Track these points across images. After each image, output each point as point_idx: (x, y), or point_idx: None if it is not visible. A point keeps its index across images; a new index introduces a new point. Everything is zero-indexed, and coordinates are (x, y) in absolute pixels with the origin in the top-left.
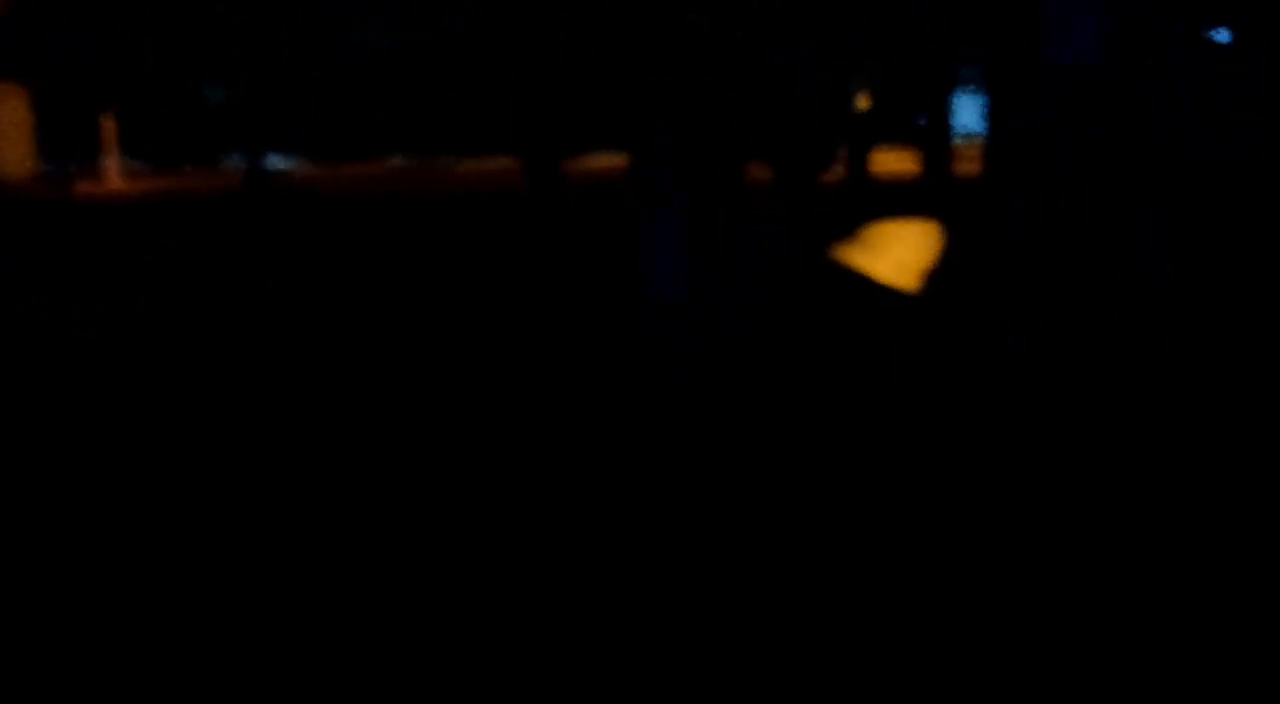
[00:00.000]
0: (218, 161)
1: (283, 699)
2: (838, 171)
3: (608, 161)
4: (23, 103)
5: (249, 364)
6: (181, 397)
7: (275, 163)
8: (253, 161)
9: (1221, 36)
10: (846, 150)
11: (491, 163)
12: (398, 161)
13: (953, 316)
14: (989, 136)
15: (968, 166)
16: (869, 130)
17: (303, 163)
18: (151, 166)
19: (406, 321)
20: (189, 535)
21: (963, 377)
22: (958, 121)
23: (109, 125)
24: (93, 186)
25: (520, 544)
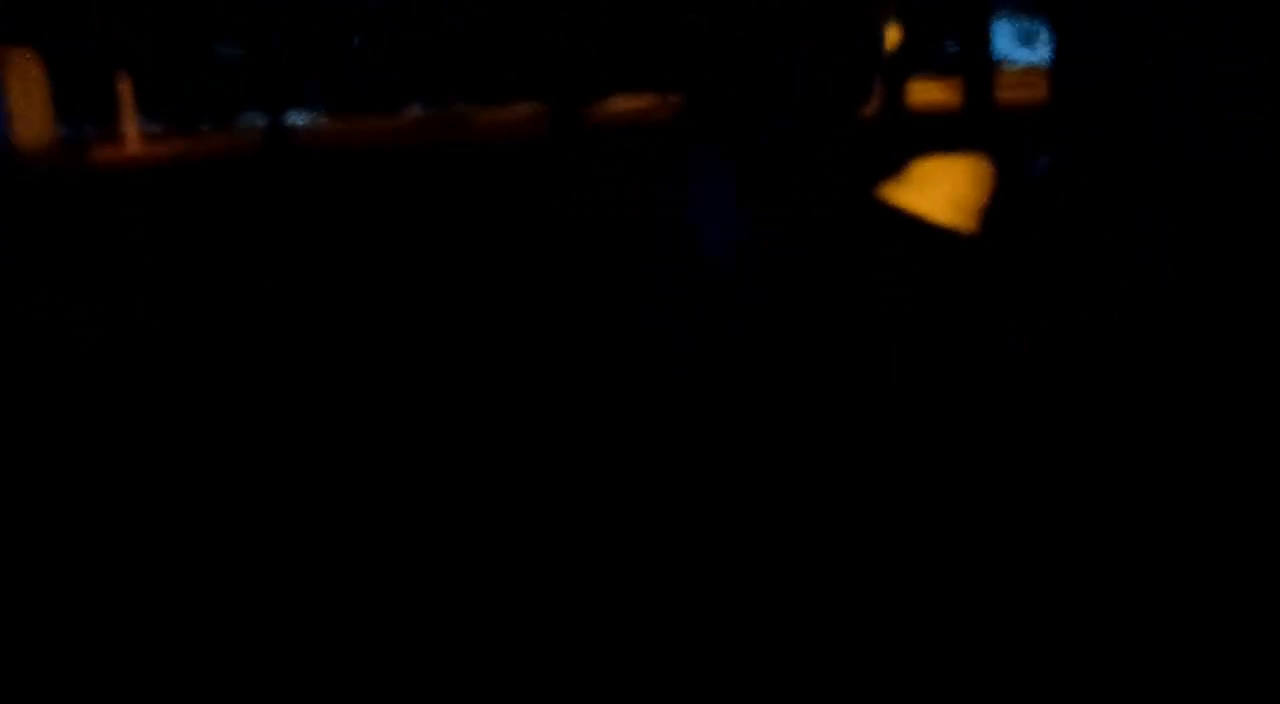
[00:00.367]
0: (234, 120)
1: (281, 698)
2: (873, 105)
3: (629, 104)
4: (38, 69)
5: (275, 332)
6: (203, 365)
7: (294, 119)
8: (272, 119)
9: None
10: (881, 82)
11: (512, 110)
12: (417, 111)
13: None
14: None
15: (1007, 95)
16: (903, 60)
17: (322, 117)
18: (169, 128)
19: (433, 277)
20: (202, 504)
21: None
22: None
23: (125, 87)
24: (112, 152)
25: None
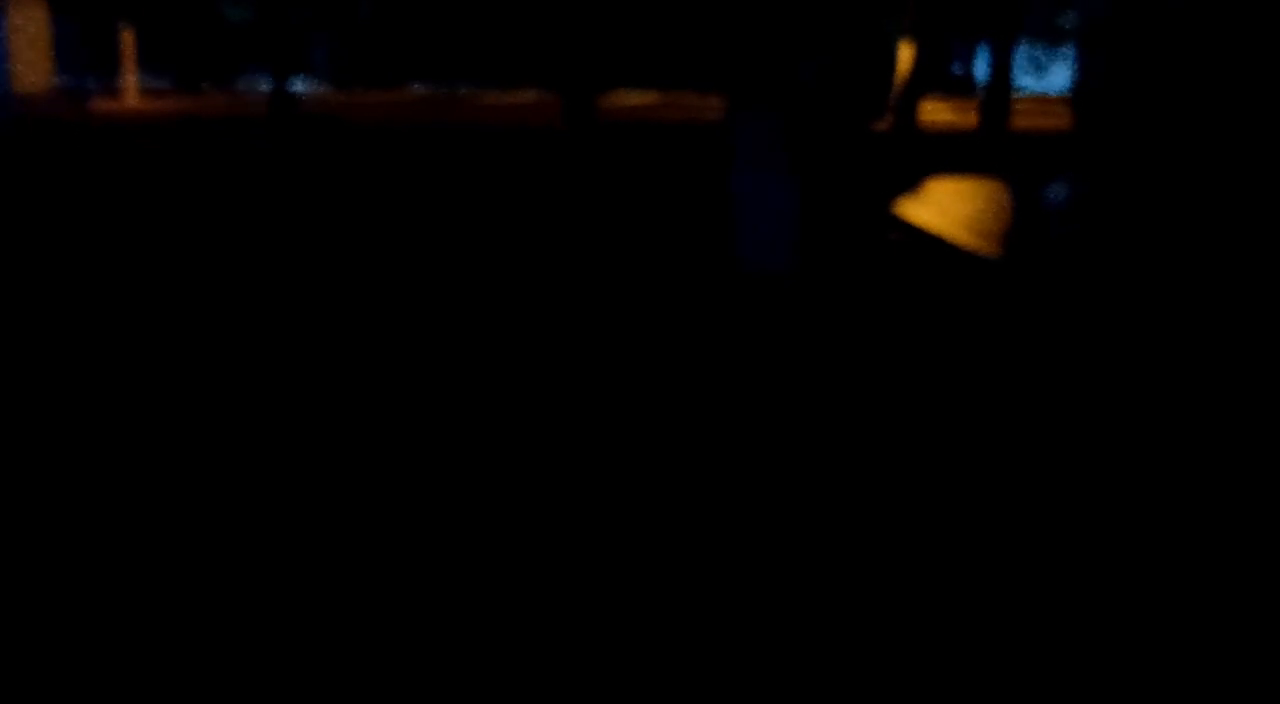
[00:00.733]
0: (236, 82)
1: (280, 691)
2: (887, 121)
3: (636, 99)
4: (41, 14)
5: (269, 296)
6: (194, 327)
7: (297, 87)
8: (276, 85)
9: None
10: (893, 100)
11: (521, 95)
12: (420, 90)
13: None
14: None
15: (1020, 121)
16: (915, 79)
17: (325, 88)
18: (170, 85)
19: (430, 256)
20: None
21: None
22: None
23: (128, 40)
24: (111, 104)
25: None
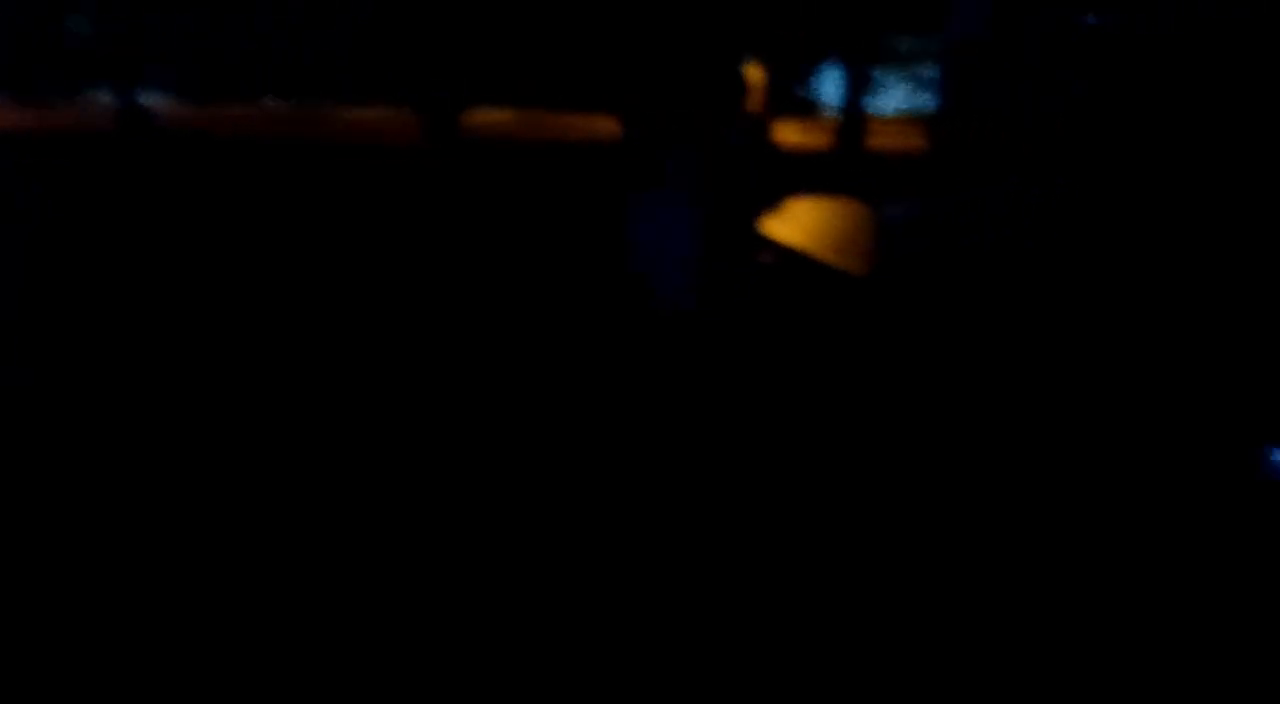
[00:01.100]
0: (81, 95)
1: (281, 696)
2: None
3: (494, 117)
4: None
5: (111, 310)
6: (34, 346)
7: (147, 100)
8: (124, 98)
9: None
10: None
11: (380, 111)
12: (276, 105)
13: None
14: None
15: (875, 141)
16: (768, 101)
17: (175, 102)
18: (12, 98)
19: (286, 266)
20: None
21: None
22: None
23: None
24: None
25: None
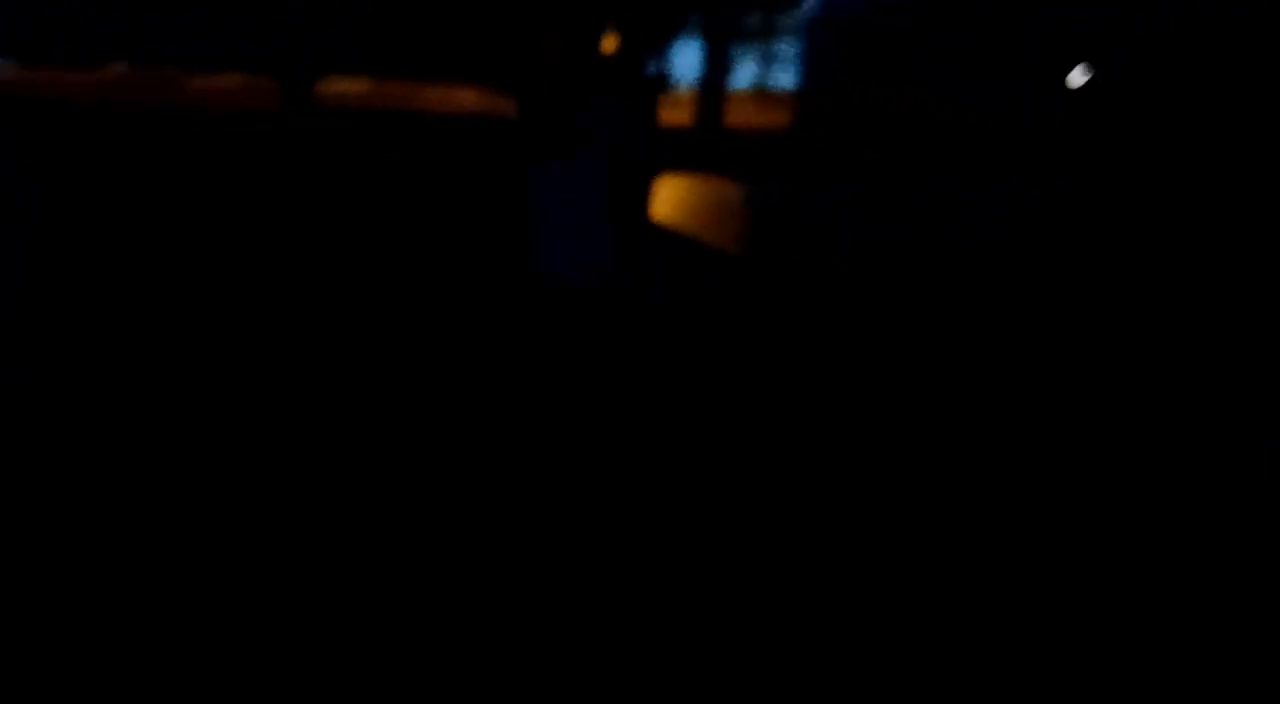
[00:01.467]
0: None
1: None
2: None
3: (349, 86)
4: None
5: None
6: None
7: None
8: None
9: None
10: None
11: (224, 79)
12: (122, 69)
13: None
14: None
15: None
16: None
17: (11, 65)
18: None
19: (129, 238)
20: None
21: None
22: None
23: None
24: None
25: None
